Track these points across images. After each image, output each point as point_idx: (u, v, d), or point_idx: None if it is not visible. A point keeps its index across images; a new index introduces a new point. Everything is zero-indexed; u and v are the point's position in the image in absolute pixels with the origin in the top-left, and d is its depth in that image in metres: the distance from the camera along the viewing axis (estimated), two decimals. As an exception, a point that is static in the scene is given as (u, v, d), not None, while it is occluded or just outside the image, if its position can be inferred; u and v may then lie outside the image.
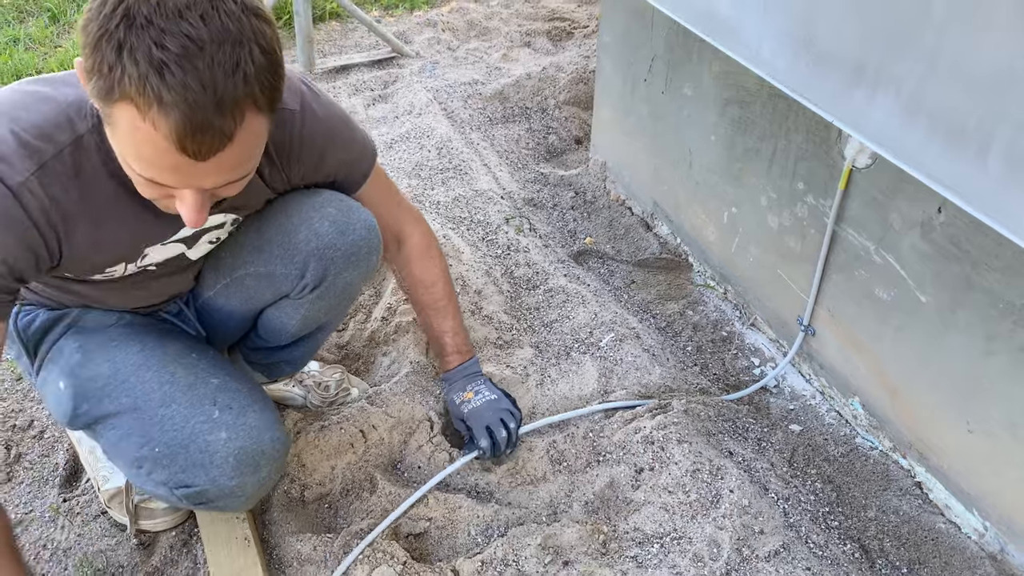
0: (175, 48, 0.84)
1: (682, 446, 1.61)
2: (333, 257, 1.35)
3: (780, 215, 1.84)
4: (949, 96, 1.07)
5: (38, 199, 1.03)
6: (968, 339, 1.46)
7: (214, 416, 1.25)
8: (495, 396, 1.61)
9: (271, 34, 0.92)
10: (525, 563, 1.43)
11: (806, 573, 1.43)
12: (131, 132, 0.89)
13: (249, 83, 0.89)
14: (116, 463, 1.37)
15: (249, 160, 1.00)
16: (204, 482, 1.24)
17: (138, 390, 1.28)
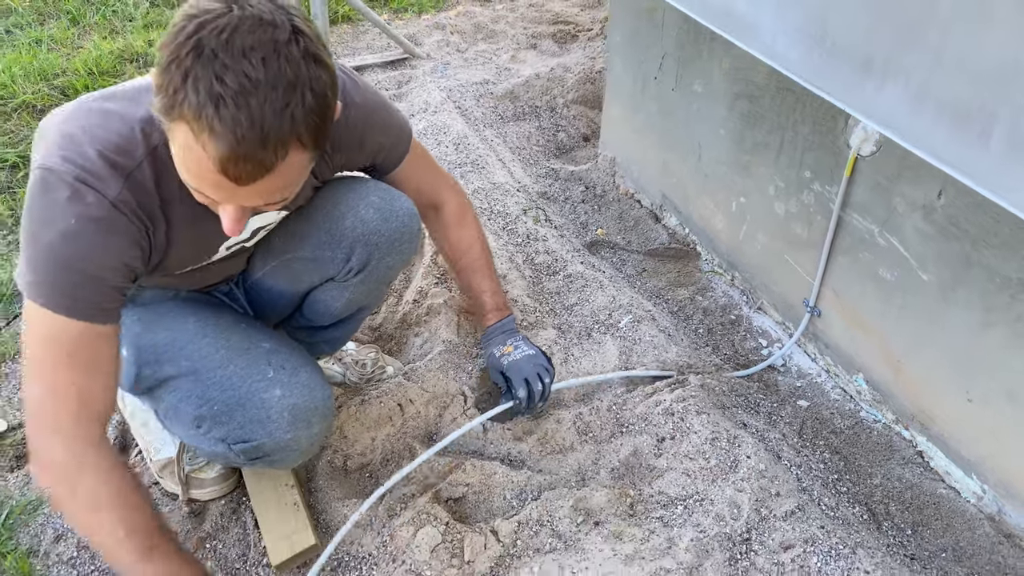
0: (233, 85, 0.91)
1: (700, 417, 1.72)
2: (377, 243, 1.45)
3: (787, 203, 1.95)
4: (954, 84, 1.18)
5: (131, 207, 1.13)
6: (968, 313, 1.57)
7: (269, 375, 1.34)
8: (532, 351, 1.68)
9: (326, 80, 0.99)
10: (559, 523, 1.53)
11: (821, 531, 1.53)
12: (184, 148, 0.97)
13: (296, 124, 0.95)
14: (173, 426, 1.45)
15: (288, 187, 1.06)
16: (261, 436, 1.33)
17: (196, 355, 1.37)
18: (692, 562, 1.44)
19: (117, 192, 1.10)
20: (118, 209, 1.11)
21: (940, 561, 1.59)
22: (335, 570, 1.52)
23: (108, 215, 1.10)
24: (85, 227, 1.09)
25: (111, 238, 1.12)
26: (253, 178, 0.98)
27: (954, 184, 1.48)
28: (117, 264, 1.14)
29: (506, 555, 1.50)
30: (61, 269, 1.10)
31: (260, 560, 1.55)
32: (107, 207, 1.10)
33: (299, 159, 1.01)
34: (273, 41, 0.93)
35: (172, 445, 1.65)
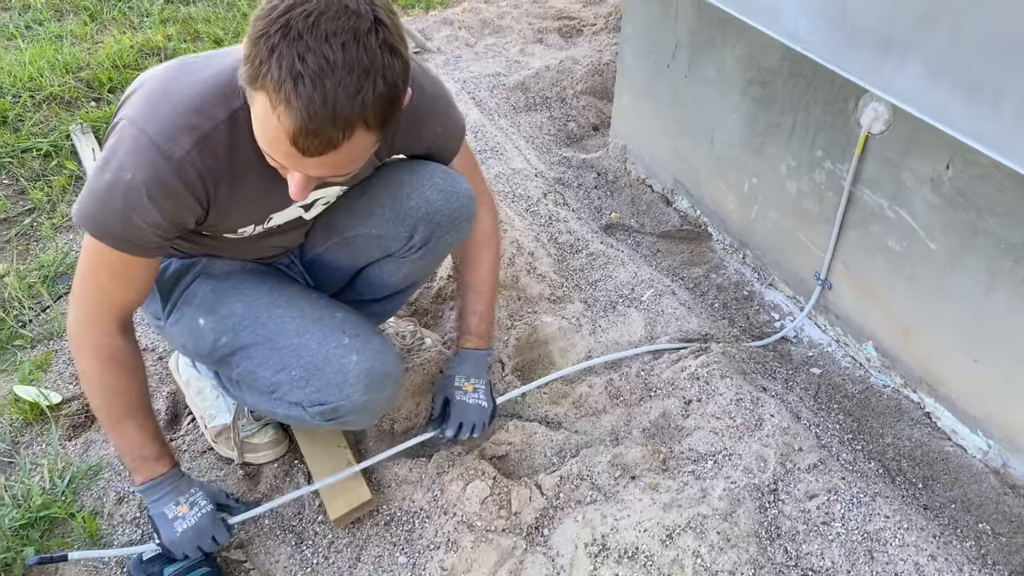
0: (313, 65, 0.98)
1: (724, 380, 1.83)
2: (440, 222, 1.53)
3: (799, 181, 2.06)
4: (968, 61, 1.30)
5: (196, 168, 1.19)
6: (974, 279, 1.69)
7: (344, 342, 1.43)
8: (486, 404, 1.68)
9: (399, 70, 1.05)
10: (598, 477, 1.64)
11: (842, 482, 1.64)
12: (263, 116, 1.04)
13: (365, 107, 1.02)
14: (246, 392, 1.54)
15: (353, 163, 1.13)
16: (338, 399, 1.42)
17: (272, 324, 1.45)
18: (726, 509, 1.54)
19: (185, 152, 1.17)
20: (181, 169, 1.18)
21: (951, 511, 1.70)
22: (388, 525, 1.62)
23: (167, 176, 1.17)
24: (142, 183, 1.17)
25: (165, 198, 1.19)
26: (320, 151, 1.05)
27: (961, 157, 1.60)
28: (164, 221, 1.22)
29: (550, 507, 1.60)
30: (111, 212, 1.20)
31: (315, 518, 1.64)
32: (169, 167, 1.17)
33: (364, 139, 1.08)
34: (354, 29, 1.00)
35: (227, 412, 1.74)
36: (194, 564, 1.47)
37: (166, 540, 1.42)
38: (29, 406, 1.81)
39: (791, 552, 1.53)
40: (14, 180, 2.52)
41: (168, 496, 1.42)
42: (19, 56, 2.98)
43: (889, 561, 1.51)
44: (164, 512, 1.42)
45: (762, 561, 1.49)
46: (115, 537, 1.61)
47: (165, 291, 1.52)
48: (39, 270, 2.19)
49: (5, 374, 1.93)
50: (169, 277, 1.52)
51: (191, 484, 1.46)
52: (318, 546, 1.60)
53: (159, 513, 1.42)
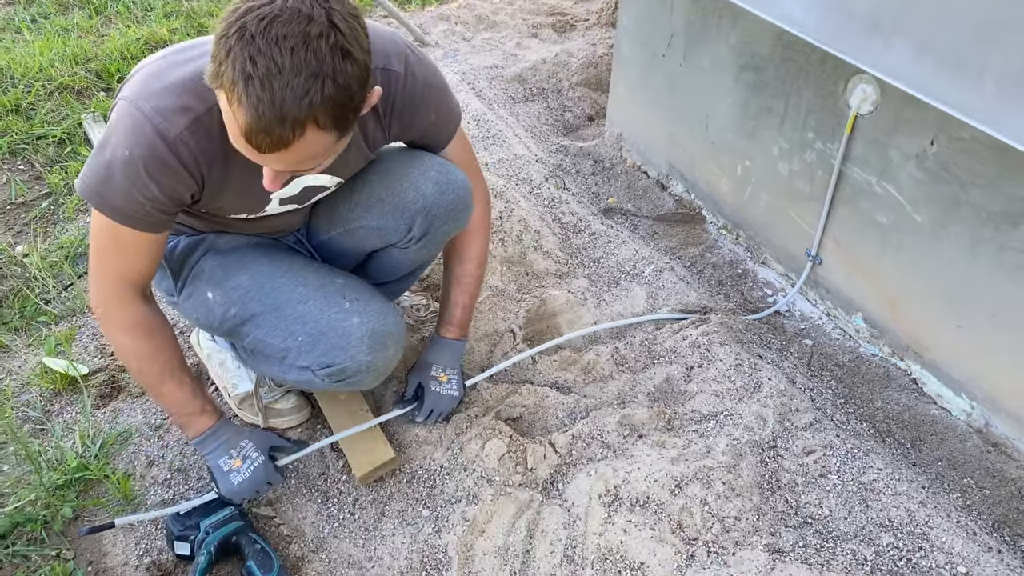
0: (262, 67, 1.02)
1: (724, 348, 1.93)
2: (437, 214, 1.60)
3: (791, 162, 2.17)
4: (952, 37, 1.41)
5: (189, 148, 1.24)
6: (957, 247, 1.80)
7: (346, 307, 1.51)
8: (457, 394, 1.77)
9: (351, 72, 1.08)
10: (607, 436, 1.73)
11: (837, 439, 1.75)
12: (224, 112, 1.10)
13: (313, 108, 1.05)
14: (257, 360, 1.62)
15: (313, 159, 1.16)
16: (343, 360, 1.49)
17: (277, 293, 1.52)
18: (729, 462, 1.64)
19: (178, 132, 1.22)
20: (175, 148, 1.23)
21: (937, 468, 1.81)
22: (410, 482, 1.70)
23: (163, 153, 1.22)
24: (139, 159, 1.22)
25: (161, 174, 1.25)
26: (272, 149, 1.09)
27: (945, 133, 1.71)
28: (162, 196, 1.28)
29: (563, 463, 1.69)
30: (111, 188, 1.26)
31: (340, 477, 1.73)
32: (164, 144, 1.22)
33: (319, 138, 1.11)
34: (304, 34, 1.03)
35: (249, 381, 1.82)
36: (228, 518, 1.55)
37: (224, 491, 1.52)
38: (59, 376, 1.88)
39: (791, 501, 1.63)
40: (30, 166, 2.59)
41: (220, 449, 1.51)
42: (29, 48, 3.04)
43: (883, 508, 1.61)
44: (219, 465, 1.51)
45: (765, 509, 1.59)
46: (147, 497, 1.68)
47: (176, 268, 1.59)
48: (59, 250, 2.25)
49: (32, 348, 1.99)
50: (179, 255, 1.58)
51: (240, 436, 1.55)
52: (343, 503, 1.68)
53: (215, 465, 1.52)
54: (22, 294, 2.13)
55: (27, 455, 1.68)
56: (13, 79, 2.87)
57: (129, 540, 1.60)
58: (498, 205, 2.35)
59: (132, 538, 1.60)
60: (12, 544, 1.56)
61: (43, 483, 1.63)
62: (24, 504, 1.62)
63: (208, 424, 1.52)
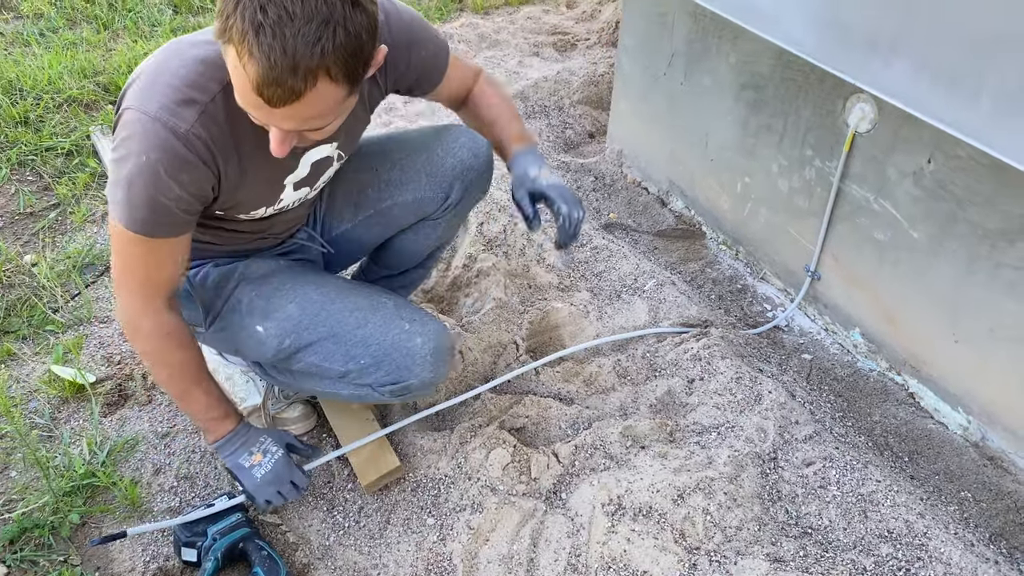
0: (273, 15, 1.00)
1: (724, 361, 1.95)
2: (472, 178, 1.67)
3: (790, 179, 2.21)
4: (948, 56, 1.45)
5: (202, 140, 1.24)
6: (954, 264, 1.83)
7: (406, 328, 1.54)
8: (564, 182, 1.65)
9: (362, 22, 1.07)
10: (610, 447, 1.75)
11: (836, 451, 1.77)
12: (233, 68, 1.08)
13: (325, 56, 1.04)
14: (309, 381, 1.63)
15: (323, 116, 1.15)
16: (409, 378, 1.54)
17: (332, 320, 1.54)
18: (731, 473, 1.66)
19: (189, 125, 1.22)
20: (189, 142, 1.22)
21: (935, 481, 1.84)
22: (415, 491, 1.72)
23: (179, 149, 1.22)
24: (157, 162, 1.22)
25: (181, 172, 1.24)
26: (284, 101, 1.07)
27: (942, 151, 1.75)
28: (185, 195, 1.27)
29: (566, 473, 1.71)
30: (138, 200, 1.25)
31: (345, 485, 1.74)
32: (178, 141, 1.22)
33: (330, 91, 1.09)
34: None
35: (257, 394, 1.84)
36: (235, 524, 1.56)
37: (249, 486, 1.53)
38: (67, 384, 1.90)
39: (791, 512, 1.65)
40: (38, 177, 2.61)
41: (241, 448, 1.53)
42: (38, 61, 3.08)
43: (882, 519, 1.63)
44: (240, 463, 1.53)
45: (766, 519, 1.61)
46: (154, 504, 1.70)
47: (207, 300, 1.59)
48: (67, 260, 2.28)
49: (40, 356, 2.01)
50: (210, 286, 1.59)
51: (259, 433, 1.57)
52: (348, 511, 1.70)
53: (236, 464, 1.54)
54: (30, 303, 2.15)
55: (35, 461, 1.69)
56: (22, 92, 2.91)
57: (136, 546, 1.61)
58: (502, 219, 2.38)
59: (139, 544, 1.62)
60: (20, 549, 1.58)
61: (51, 489, 1.65)
62: (32, 510, 1.63)
63: (230, 427, 1.54)
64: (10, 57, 3.16)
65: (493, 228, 2.35)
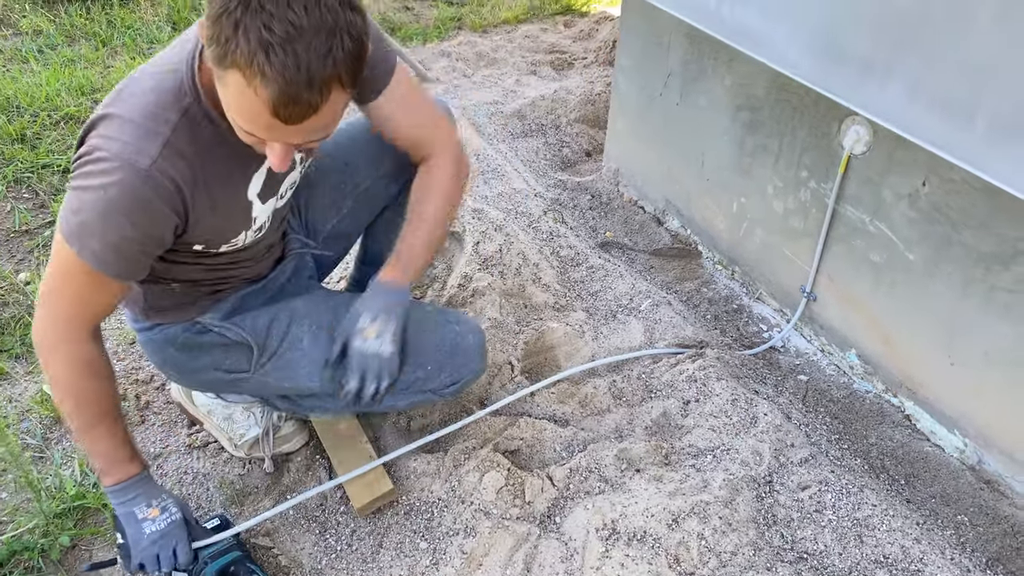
0: (280, 32, 0.98)
1: (720, 382, 1.95)
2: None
3: (785, 200, 2.21)
4: (943, 81, 1.45)
5: (167, 175, 1.19)
6: (949, 286, 1.83)
7: (456, 329, 1.64)
8: (390, 351, 1.50)
9: (361, 25, 1.07)
10: (605, 470, 1.74)
11: (832, 475, 1.76)
12: (238, 94, 1.04)
13: (337, 66, 1.04)
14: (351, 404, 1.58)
15: (331, 124, 1.15)
16: (467, 373, 1.65)
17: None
18: (726, 497, 1.65)
19: (152, 160, 1.17)
20: (151, 179, 1.17)
21: (931, 505, 1.83)
22: (408, 514, 1.71)
23: (139, 186, 1.17)
24: (116, 198, 1.17)
25: (138, 212, 1.19)
26: (302, 117, 1.06)
27: (936, 174, 1.75)
28: (139, 235, 1.22)
29: (561, 496, 1.70)
30: (91, 229, 1.19)
31: (338, 508, 1.73)
32: (139, 178, 1.16)
33: (340, 98, 1.09)
34: None
35: (256, 427, 1.82)
36: (226, 548, 1.55)
37: (131, 539, 1.42)
38: (59, 404, 1.89)
39: (787, 536, 1.64)
40: (34, 194, 2.61)
41: (140, 497, 1.43)
42: (35, 78, 3.09)
43: (877, 544, 1.62)
44: (133, 512, 1.42)
45: (761, 544, 1.60)
46: (145, 527, 1.68)
47: (260, 342, 1.57)
48: (62, 279, 2.27)
49: (32, 375, 2.00)
50: (260, 330, 1.58)
51: (162, 491, 1.48)
52: (341, 534, 1.68)
53: (127, 513, 1.42)
54: (24, 321, 2.14)
55: (28, 483, 1.68)
56: (19, 108, 2.91)
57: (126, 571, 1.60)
58: (497, 238, 2.38)
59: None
60: (9, 573, 1.56)
61: (43, 511, 1.64)
62: (22, 532, 1.62)
63: (132, 472, 1.42)
64: (8, 74, 3.17)
65: (489, 247, 2.34)
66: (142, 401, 1.94)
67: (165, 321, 1.54)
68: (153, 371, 2.02)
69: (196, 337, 1.55)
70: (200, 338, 1.55)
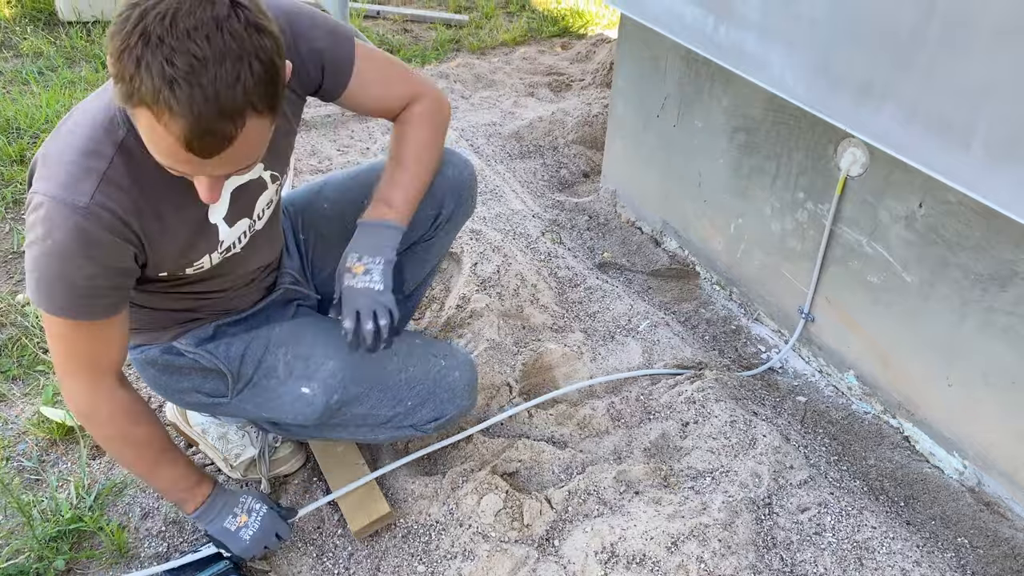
0: (183, 66, 0.95)
1: (719, 404, 1.94)
2: (460, 191, 1.70)
3: (783, 221, 2.22)
4: (939, 103, 1.46)
5: (108, 209, 1.16)
6: (946, 308, 1.83)
7: (442, 364, 1.61)
8: (381, 287, 1.47)
9: (271, 46, 1.02)
10: (604, 492, 1.73)
11: (831, 497, 1.76)
12: (149, 131, 1.01)
13: (248, 93, 1.00)
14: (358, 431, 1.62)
15: (254, 152, 1.09)
16: (451, 410, 1.62)
17: (374, 369, 1.56)
18: (725, 519, 1.65)
19: (89, 198, 1.14)
20: (92, 216, 1.14)
21: (931, 527, 1.82)
22: (405, 538, 1.70)
23: (83, 225, 1.14)
24: (64, 241, 1.14)
25: (89, 248, 1.16)
26: (218, 150, 1.02)
27: (932, 196, 1.76)
28: (101, 270, 1.19)
29: (559, 519, 1.69)
30: (54, 285, 1.18)
31: (335, 531, 1.72)
32: (81, 217, 1.14)
33: (257, 125, 1.05)
34: (214, 18, 0.97)
35: (252, 447, 1.81)
36: (223, 571, 1.54)
37: (237, 551, 1.51)
38: (55, 426, 1.88)
39: (786, 559, 1.63)
40: (32, 216, 2.61)
41: (223, 512, 1.50)
42: (35, 100, 3.10)
43: (877, 567, 1.61)
44: (226, 527, 1.50)
45: (760, 567, 1.59)
46: (141, 550, 1.67)
47: (234, 370, 1.55)
48: (59, 300, 2.27)
49: (29, 397, 2.00)
50: (234, 357, 1.55)
51: (238, 494, 1.54)
52: (338, 558, 1.67)
53: (220, 530, 1.50)
54: (21, 343, 2.14)
55: (19, 508, 1.67)
56: (19, 130, 2.92)
57: (121, 594, 1.59)
58: (495, 259, 2.38)
59: (124, 592, 1.59)
60: (3, 597, 1.55)
61: (35, 535, 1.62)
62: (17, 557, 1.60)
63: (207, 492, 1.49)
64: (8, 96, 3.18)
65: (487, 268, 2.35)
66: (139, 423, 1.93)
67: (143, 342, 1.54)
68: (149, 392, 2.02)
69: (174, 359, 1.53)
70: (177, 360, 1.54)
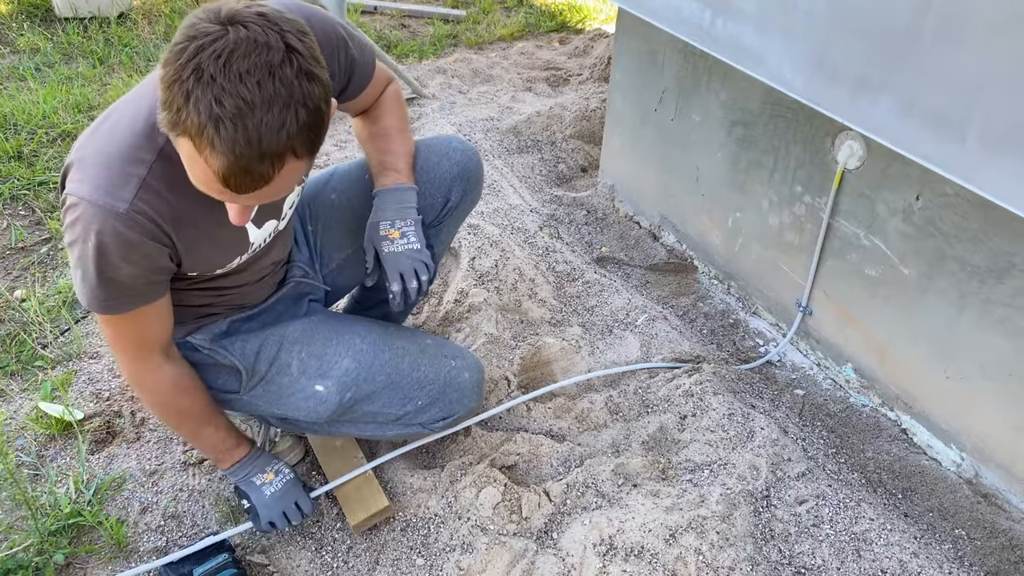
0: (231, 107, 0.97)
1: (717, 397, 1.95)
2: (468, 177, 1.70)
3: (780, 215, 2.22)
4: (935, 96, 1.46)
5: (146, 216, 1.19)
6: (943, 300, 1.83)
7: (452, 364, 1.66)
8: (418, 246, 1.57)
9: (320, 94, 1.05)
10: (602, 485, 1.74)
11: (829, 489, 1.76)
12: (189, 159, 1.05)
13: (291, 139, 1.02)
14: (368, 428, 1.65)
15: (287, 188, 1.12)
16: (460, 410, 1.67)
17: (387, 368, 1.58)
18: (723, 512, 1.65)
19: (128, 204, 1.17)
20: (131, 222, 1.18)
21: (929, 519, 1.82)
22: (404, 531, 1.70)
23: (121, 231, 1.18)
24: (104, 245, 1.18)
25: (129, 251, 1.20)
26: (253, 188, 1.06)
27: (929, 188, 1.76)
28: (140, 271, 1.25)
29: (558, 512, 1.70)
30: (95, 283, 1.23)
31: (334, 525, 1.72)
32: (120, 222, 1.17)
33: (295, 167, 1.08)
34: (268, 64, 0.99)
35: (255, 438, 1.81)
36: (222, 565, 1.55)
37: (256, 502, 1.59)
38: (54, 421, 1.88)
39: (784, 551, 1.63)
40: (30, 211, 2.62)
41: (256, 468, 1.61)
42: (32, 96, 3.10)
43: (875, 559, 1.62)
44: (252, 480, 1.60)
45: (758, 559, 1.59)
46: (140, 544, 1.68)
47: (248, 366, 1.57)
48: (57, 295, 2.27)
49: (28, 392, 2.00)
50: (249, 354, 1.57)
51: (272, 458, 1.64)
52: (337, 551, 1.68)
53: (247, 482, 1.60)
54: (19, 339, 2.14)
55: (24, 501, 1.67)
56: (16, 126, 2.92)
57: (121, 588, 1.59)
58: (493, 254, 2.38)
59: (124, 586, 1.59)
60: (3, 591, 1.55)
61: (37, 529, 1.63)
62: (16, 550, 1.61)
63: (243, 454, 1.60)
64: (5, 92, 3.18)
65: (485, 263, 2.35)
66: (137, 418, 1.94)
67: None
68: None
69: (189, 355, 1.55)
70: (193, 356, 1.55)
